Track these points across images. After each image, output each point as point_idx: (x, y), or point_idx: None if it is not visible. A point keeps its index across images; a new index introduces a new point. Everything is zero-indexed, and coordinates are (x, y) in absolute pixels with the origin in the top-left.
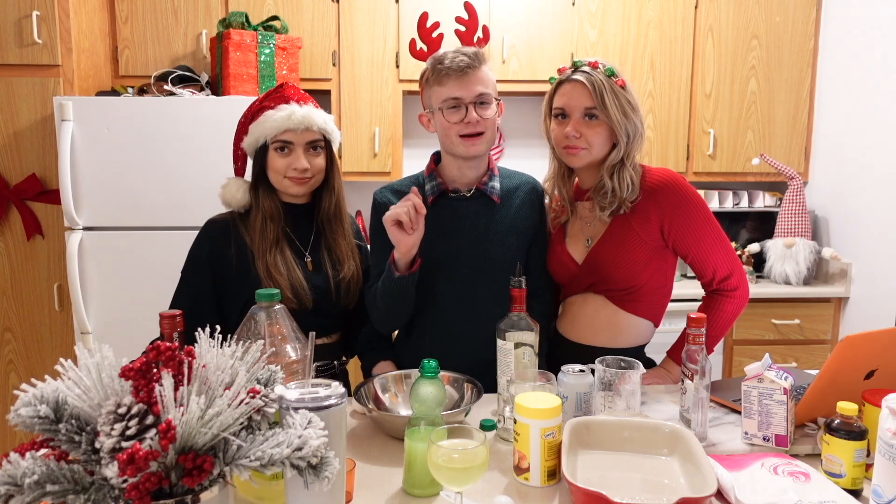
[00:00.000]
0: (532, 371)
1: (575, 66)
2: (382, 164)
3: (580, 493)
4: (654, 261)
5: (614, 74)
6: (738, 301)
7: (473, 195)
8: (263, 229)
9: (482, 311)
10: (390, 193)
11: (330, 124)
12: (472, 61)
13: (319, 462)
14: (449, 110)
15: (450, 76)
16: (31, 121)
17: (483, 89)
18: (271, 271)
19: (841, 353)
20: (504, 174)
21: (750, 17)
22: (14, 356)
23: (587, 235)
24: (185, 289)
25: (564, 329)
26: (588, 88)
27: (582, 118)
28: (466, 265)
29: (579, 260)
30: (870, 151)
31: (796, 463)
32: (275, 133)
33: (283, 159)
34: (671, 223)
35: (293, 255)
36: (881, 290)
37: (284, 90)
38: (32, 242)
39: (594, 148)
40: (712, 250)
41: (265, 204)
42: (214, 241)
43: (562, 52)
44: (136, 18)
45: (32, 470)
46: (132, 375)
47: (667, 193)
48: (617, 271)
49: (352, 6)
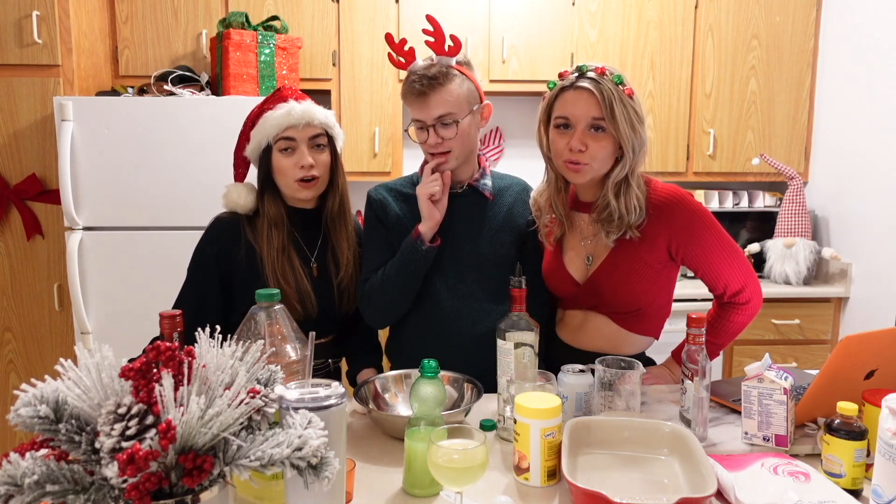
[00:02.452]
0: (532, 371)
1: (580, 70)
2: (382, 164)
3: (580, 493)
4: (659, 280)
5: (623, 83)
6: (749, 312)
7: (466, 192)
8: (270, 237)
9: (476, 307)
10: (385, 191)
11: (331, 119)
12: (429, 84)
13: (319, 462)
14: (417, 130)
15: (410, 99)
16: (31, 121)
17: (442, 111)
18: (280, 281)
19: (841, 353)
20: (496, 175)
21: (750, 17)
22: (14, 356)
23: (587, 252)
24: (192, 287)
25: (564, 336)
26: (596, 97)
27: (587, 130)
28: (460, 261)
29: (579, 279)
30: (870, 151)
31: (796, 463)
32: (276, 132)
33: (287, 159)
34: (679, 243)
35: (300, 261)
36: (881, 290)
37: (282, 91)
38: (32, 242)
39: (598, 163)
40: (723, 266)
41: (270, 210)
42: (223, 240)
43: (562, 52)
44: (136, 18)
45: (32, 470)
46: (132, 375)
47: (674, 212)
48: (620, 296)
49: (352, 6)
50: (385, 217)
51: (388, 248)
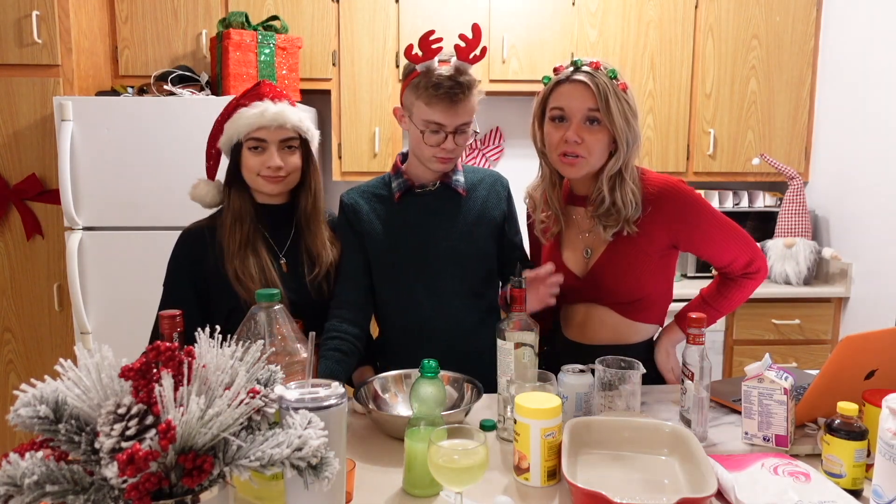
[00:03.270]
0: (532, 371)
1: (575, 65)
2: (382, 164)
3: (580, 493)
4: (658, 268)
5: (617, 77)
6: (759, 279)
7: (439, 189)
8: (232, 230)
9: (455, 303)
10: (357, 195)
11: (305, 122)
12: (464, 92)
13: (319, 462)
14: (429, 133)
15: (440, 103)
16: (31, 121)
17: (466, 119)
18: (239, 275)
19: (841, 353)
20: (467, 170)
21: (750, 17)
22: (14, 356)
23: (585, 245)
24: (169, 303)
25: (570, 334)
26: (592, 90)
27: (583, 122)
28: (437, 258)
29: (578, 273)
30: (870, 151)
31: (796, 463)
32: (248, 130)
33: (256, 157)
34: (678, 231)
35: (268, 255)
36: (881, 290)
37: (260, 88)
38: (32, 242)
39: (594, 157)
40: (727, 244)
41: (235, 203)
42: (191, 252)
43: (562, 52)
44: (136, 18)
45: (32, 470)
46: (132, 376)
47: (669, 202)
48: (621, 287)
49: (352, 6)
50: (357, 221)
51: (358, 253)
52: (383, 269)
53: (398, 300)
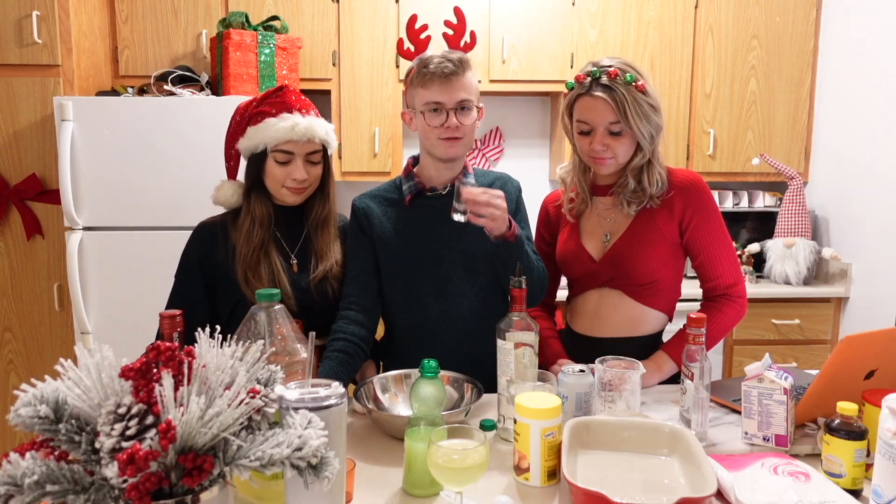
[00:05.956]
0: (532, 371)
1: (592, 76)
2: (382, 164)
3: (580, 493)
4: (672, 258)
5: (634, 81)
6: (738, 308)
7: (450, 192)
8: (250, 233)
9: (465, 306)
10: (368, 199)
11: (331, 134)
12: (456, 68)
13: (319, 462)
14: (430, 114)
15: (434, 81)
16: (31, 121)
17: (465, 95)
18: (249, 278)
19: (841, 353)
20: (479, 172)
21: (750, 17)
22: (14, 356)
23: (605, 231)
24: (179, 293)
25: (580, 327)
26: (610, 105)
27: (606, 133)
28: (447, 260)
29: (596, 256)
30: (870, 151)
31: (796, 463)
32: (276, 143)
33: (282, 169)
34: (690, 221)
35: (279, 256)
36: (881, 290)
37: (286, 96)
38: (32, 242)
39: (620, 157)
40: (723, 257)
41: (256, 209)
42: (205, 245)
43: (562, 52)
44: (136, 18)
45: (32, 470)
46: (132, 375)
47: (693, 192)
48: (638, 267)
49: (352, 6)
50: (368, 225)
51: (368, 256)
52: (393, 271)
53: (406, 301)
